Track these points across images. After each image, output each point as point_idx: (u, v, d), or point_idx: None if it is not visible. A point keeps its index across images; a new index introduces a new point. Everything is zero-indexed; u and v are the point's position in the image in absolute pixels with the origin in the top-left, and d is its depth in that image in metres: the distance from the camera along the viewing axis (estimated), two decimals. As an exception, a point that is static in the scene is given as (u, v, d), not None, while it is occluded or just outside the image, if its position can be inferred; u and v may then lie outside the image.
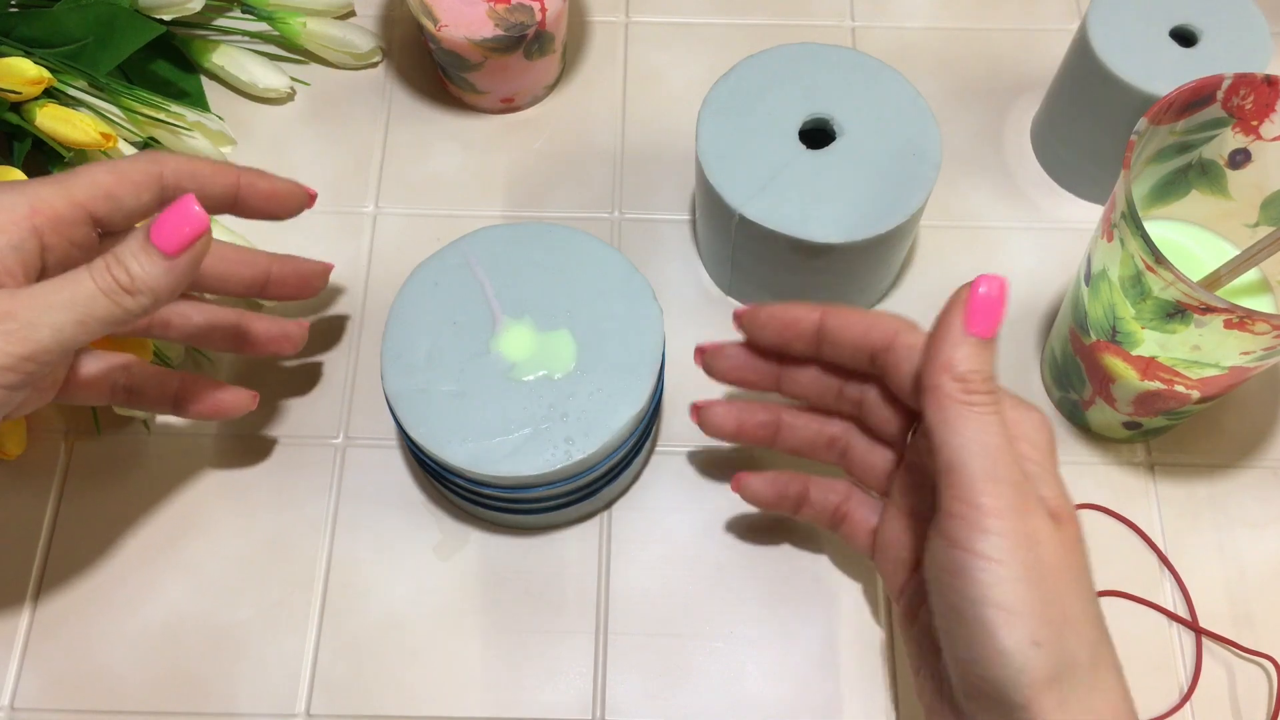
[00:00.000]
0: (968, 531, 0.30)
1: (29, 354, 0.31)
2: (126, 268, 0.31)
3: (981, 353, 0.31)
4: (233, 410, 0.41)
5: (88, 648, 0.41)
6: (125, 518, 0.43)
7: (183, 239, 0.31)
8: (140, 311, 0.32)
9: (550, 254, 0.41)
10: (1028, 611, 0.29)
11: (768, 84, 0.44)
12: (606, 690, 0.41)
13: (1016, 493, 0.30)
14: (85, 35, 0.47)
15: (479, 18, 0.46)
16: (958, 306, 0.31)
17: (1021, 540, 0.29)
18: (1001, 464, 0.30)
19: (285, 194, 0.39)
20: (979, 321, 0.31)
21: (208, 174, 0.37)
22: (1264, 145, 0.38)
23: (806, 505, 0.40)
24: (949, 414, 0.31)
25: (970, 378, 0.31)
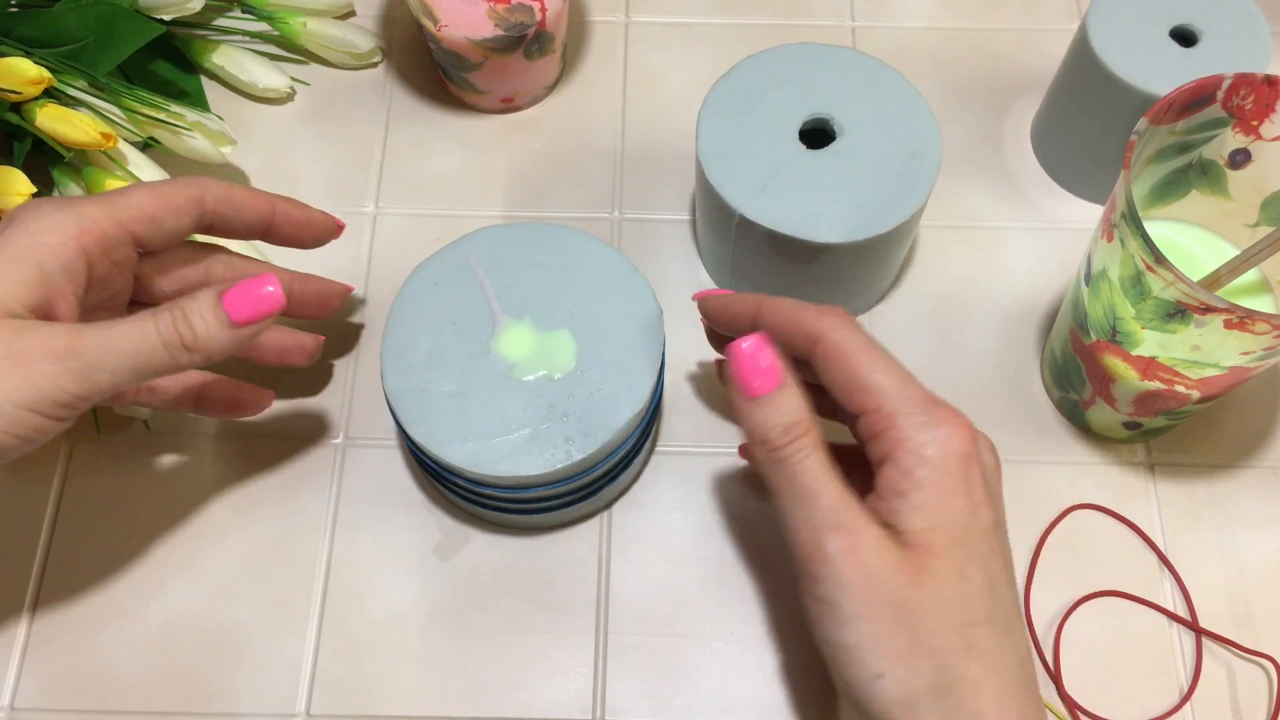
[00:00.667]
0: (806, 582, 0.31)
1: (86, 394, 0.32)
2: (192, 326, 0.32)
3: (767, 409, 0.31)
4: (251, 407, 0.42)
5: (88, 648, 0.41)
6: (125, 518, 0.43)
7: (253, 314, 0.33)
8: (190, 366, 0.33)
9: (550, 254, 0.41)
10: (863, 648, 0.30)
11: (768, 84, 0.44)
12: (606, 690, 0.41)
13: (838, 533, 0.30)
14: (85, 35, 0.47)
15: (479, 18, 0.46)
16: (730, 377, 0.32)
17: (853, 580, 0.30)
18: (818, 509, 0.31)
19: (317, 223, 0.41)
20: (747, 385, 0.31)
21: (245, 201, 0.38)
22: (1264, 145, 0.38)
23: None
24: (766, 475, 0.32)
25: (769, 437, 0.31)
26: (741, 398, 0.32)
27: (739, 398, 0.32)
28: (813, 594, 0.31)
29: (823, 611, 0.31)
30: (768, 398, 0.31)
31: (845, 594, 0.30)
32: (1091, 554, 0.43)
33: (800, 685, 0.41)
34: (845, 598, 0.30)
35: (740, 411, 0.32)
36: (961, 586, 0.31)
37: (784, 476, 0.31)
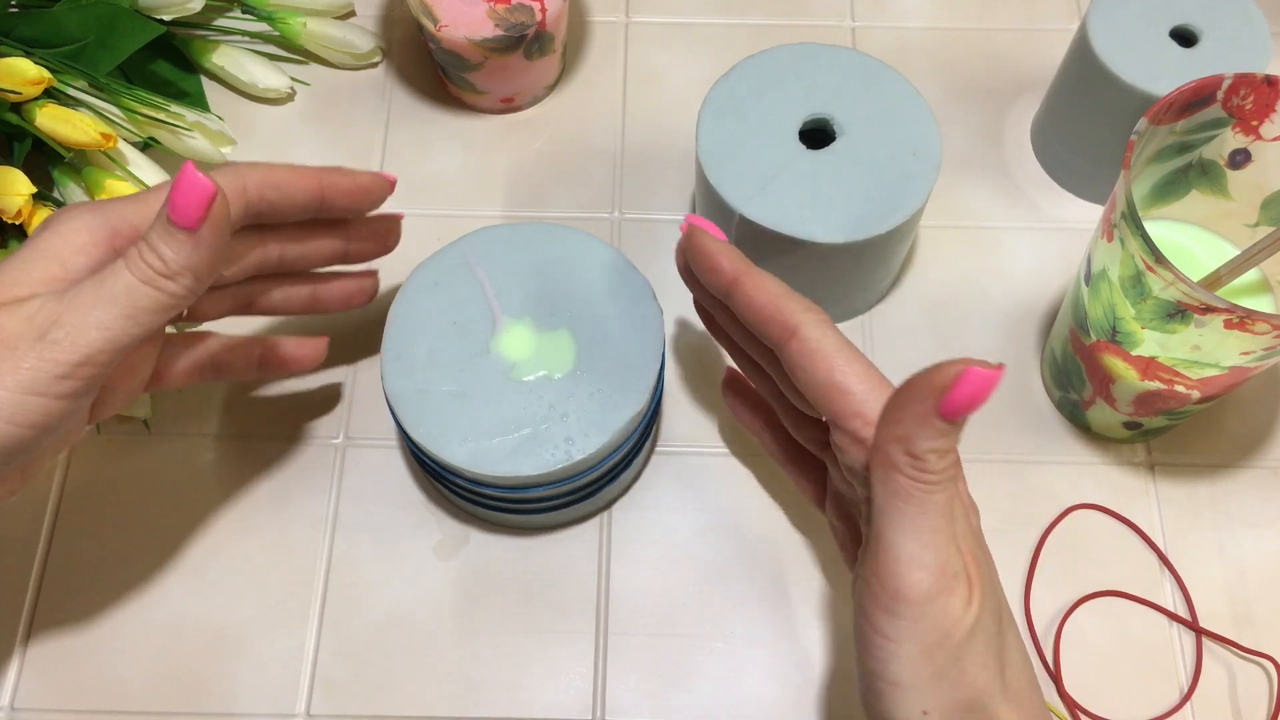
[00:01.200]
0: (875, 610, 0.29)
1: (82, 359, 0.30)
2: (157, 251, 0.31)
3: (946, 434, 0.27)
4: (311, 360, 0.42)
5: (88, 648, 0.41)
6: (125, 518, 0.43)
7: (198, 209, 0.31)
8: (186, 293, 0.31)
9: (550, 254, 0.41)
10: (918, 686, 0.28)
11: (768, 84, 0.44)
12: (606, 690, 0.41)
13: (938, 578, 0.28)
14: (85, 35, 0.47)
15: (479, 18, 0.46)
16: (937, 388, 0.27)
17: (930, 625, 0.28)
18: (931, 549, 0.28)
19: (368, 186, 0.39)
20: (955, 409, 0.27)
21: (289, 180, 0.37)
22: (1264, 145, 0.38)
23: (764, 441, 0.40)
24: (891, 484, 0.28)
25: (927, 457, 0.27)
26: (936, 410, 0.27)
27: (931, 410, 0.27)
28: (877, 625, 0.29)
29: (882, 645, 0.29)
30: (958, 425, 0.27)
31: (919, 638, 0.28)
32: (1091, 554, 0.43)
33: (800, 685, 0.41)
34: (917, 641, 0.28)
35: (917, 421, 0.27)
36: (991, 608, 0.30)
37: (914, 503, 0.28)
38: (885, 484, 0.28)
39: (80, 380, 0.31)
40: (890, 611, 0.28)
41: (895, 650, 0.28)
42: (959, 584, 0.28)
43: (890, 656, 0.28)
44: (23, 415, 0.30)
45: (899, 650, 0.28)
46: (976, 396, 0.26)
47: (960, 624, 0.28)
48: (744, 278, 0.33)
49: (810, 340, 0.31)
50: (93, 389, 0.31)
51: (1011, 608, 0.40)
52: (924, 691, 0.28)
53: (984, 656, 0.29)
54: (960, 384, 0.26)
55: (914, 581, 0.28)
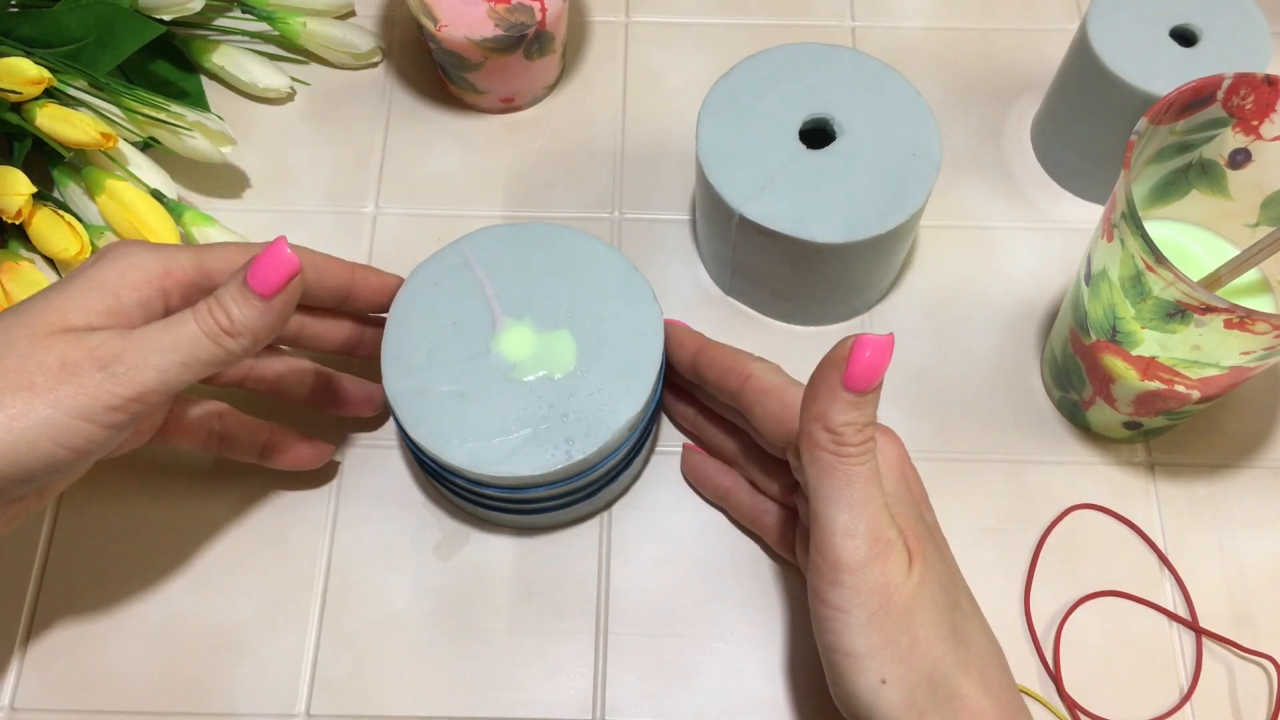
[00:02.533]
0: (821, 583, 0.31)
1: (135, 395, 0.32)
2: (227, 311, 0.33)
3: (857, 405, 0.30)
4: (314, 461, 0.43)
5: (88, 648, 0.41)
6: (125, 518, 0.43)
7: (278, 281, 0.33)
8: (241, 353, 0.33)
9: (550, 254, 0.41)
10: (871, 653, 0.31)
11: (768, 84, 0.44)
12: (606, 690, 0.41)
13: (872, 544, 0.31)
14: (85, 35, 0.47)
15: (479, 18, 0.46)
16: (837, 361, 0.30)
17: (872, 590, 0.31)
18: (862, 517, 0.31)
19: (392, 287, 0.41)
20: (856, 379, 0.30)
21: (327, 267, 0.39)
22: (1264, 145, 0.38)
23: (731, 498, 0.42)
24: (817, 464, 0.31)
25: (842, 430, 0.30)
26: (841, 383, 0.30)
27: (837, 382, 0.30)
28: (825, 598, 0.31)
29: (832, 617, 0.31)
30: (866, 396, 0.30)
31: (862, 602, 0.31)
32: (1091, 554, 0.43)
33: (800, 685, 0.41)
34: (861, 606, 0.31)
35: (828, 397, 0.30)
36: (936, 578, 0.32)
37: (840, 475, 0.31)
38: (813, 464, 0.31)
39: (127, 414, 0.32)
40: (834, 582, 0.31)
41: (845, 620, 0.31)
42: (894, 551, 0.31)
43: (842, 628, 0.31)
44: (69, 438, 0.31)
45: (848, 620, 0.31)
46: (873, 363, 0.30)
47: (901, 589, 0.31)
48: (702, 346, 0.39)
49: (762, 378, 0.37)
50: (132, 424, 0.33)
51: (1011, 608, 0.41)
52: (878, 659, 0.31)
53: (935, 626, 0.31)
54: (854, 355, 0.30)
55: (850, 549, 0.31)
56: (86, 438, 0.32)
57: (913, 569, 0.31)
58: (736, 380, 0.38)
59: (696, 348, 0.39)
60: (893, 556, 0.31)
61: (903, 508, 0.33)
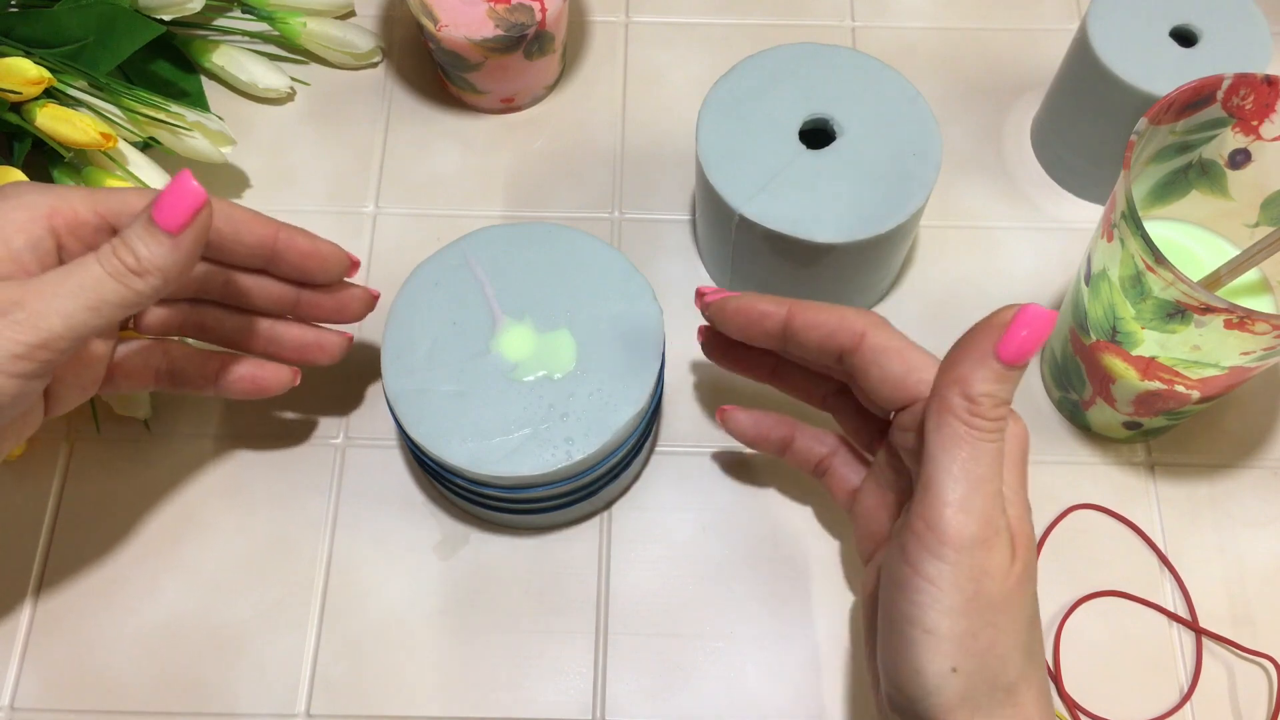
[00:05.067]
0: (921, 552, 0.29)
1: (41, 342, 0.31)
2: (133, 249, 0.31)
3: (1002, 378, 0.29)
4: (274, 385, 0.41)
5: (88, 648, 0.41)
6: (125, 517, 0.43)
7: (184, 215, 0.31)
8: (151, 293, 0.32)
9: (550, 254, 0.41)
10: (953, 639, 0.29)
11: (768, 84, 0.44)
12: (606, 690, 0.41)
13: (983, 526, 0.29)
14: (85, 35, 0.47)
15: (479, 18, 0.46)
16: (995, 326, 0.29)
17: (971, 574, 0.29)
18: (980, 495, 0.29)
19: (326, 254, 0.39)
20: (1012, 349, 0.28)
21: (245, 220, 0.37)
22: (1264, 145, 0.38)
23: (790, 451, 0.40)
24: (945, 430, 0.29)
25: (981, 400, 0.29)
26: (994, 353, 0.29)
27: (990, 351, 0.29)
28: (921, 568, 0.29)
29: (922, 589, 0.29)
30: (1013, 371, 0.29)
31: (960, 585, 0.29)
32: (1091, 554, 0.43)
33: (800, 685, 0.41)
34: (957, 588, 0.29)
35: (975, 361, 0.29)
36: (1031, 586, 0.31)
37: (967, 449, 0.29)
38: (939, 430, 0.29)
39: (35, 362, 0.31)
40: (935, 554, 0.29)
41: (936, 595, 0.29)
42: (1001, 540, 0.29)
43: (931, 602, 0.29)
44: None
45: (940, 596, 0.29)
46: (1033, 336, 0.28)
47: (999, 582, 0.29)
48: (795, 308, 0.35)
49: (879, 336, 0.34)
50: (45, 373, 0.32)
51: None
52: (957, 646, 0.29)
53: (1016, 634, 0.30)
54: (1016, 322, 0.28)
55: (960, 524, 0.29)
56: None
57: (1013, 566, 0.30)
58: (849, 339, 0.34)
59: (786, 312, 0.35)
60: (998, 545, 0.29)
61: (1018, 503, 0.31)
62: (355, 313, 0.41)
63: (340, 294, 0.41)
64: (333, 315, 0.41)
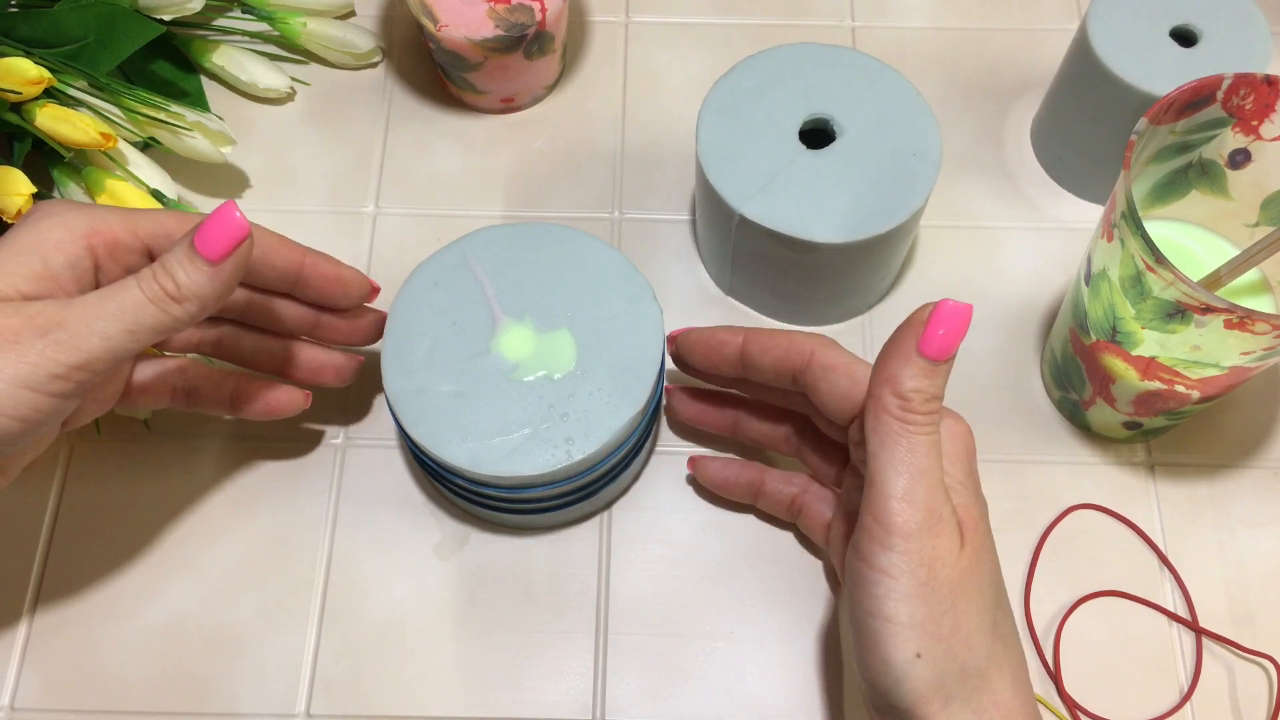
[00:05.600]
0: (872, 545, 0.31)
1: (80, 363, 0.31)
2: (173, 276, 0.32)
3: (929, 374, 0.30)
4: (287, 409, 0.41)
5: (88, 648, 0.41)
6: (125, 518, 0.43)
7: (226, 245, 0.32)
8: (188, 319, 0.32)
9: (550, 254, 0.41)
10: (913, 625, 0.30)
11: (768, 84, 0.44)
12: (606, 690, 0.41)
13: (928, 515, 0.30)
14: (85, 35, 0.47)
15: (479, 18, 0.46)
16: (915, 325, 0.30)
17: (920, 560, 0.30)
18: (921, 485, 0.30)
19: (349, 280, 0.40)
20: (933, 345, 0.30)
21: (273, 245, 0.38)
22: (1264, 145, 0.38)
23: (762, 494, 0.42)
24: (882, 428, 0.31)
25: (911, 397, 0.30)
26: (916, 349, 0.30)
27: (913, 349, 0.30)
28: (873, 561, 0.31)
29: (878, 580, 0.30)
30: (942, 365, 0.30)
31: (912, 571, 0.30)
32: (1091, 554, 0.43)
33: (800, 685, 0.41)
34: (910, 575, 0.30)
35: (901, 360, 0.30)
36: (988, 571, 0.32)
37: (904, 443, 0.30)
38: (876, 429, 0.31)
39: (73, 382, 0.31)
40: (885, 545, 0.30)
41: (891, 585, 0.30)
42: (946, 526, 0.31)
43: (886, 593, 0.30)
44: (14, 408, 0.31)
45: (894, 585, 0.30)
46: (950, 332, 0.30)
47: (948, 566, 0.31)
48: (749, 334, 0.38)
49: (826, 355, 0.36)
50: (80, 394, 0.32)
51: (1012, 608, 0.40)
52: (917, 631, 0.30)
53: (978, 617, 0.31)
54: (932, 320, 0.30)
55: (905, 514, 0.30)
56: (33, 407, 0.31)
57: (963, 551, 0.31)
58: (800, 359, 0.36)
59: (743, 339, 0.38)
60: (944, 531, 0.31)
61: (965, 492, 0.32)
62: (367, 336, 0.42)
63: (356, 318, 0.42)
64: (347, 338, 0.42)
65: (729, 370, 0.39)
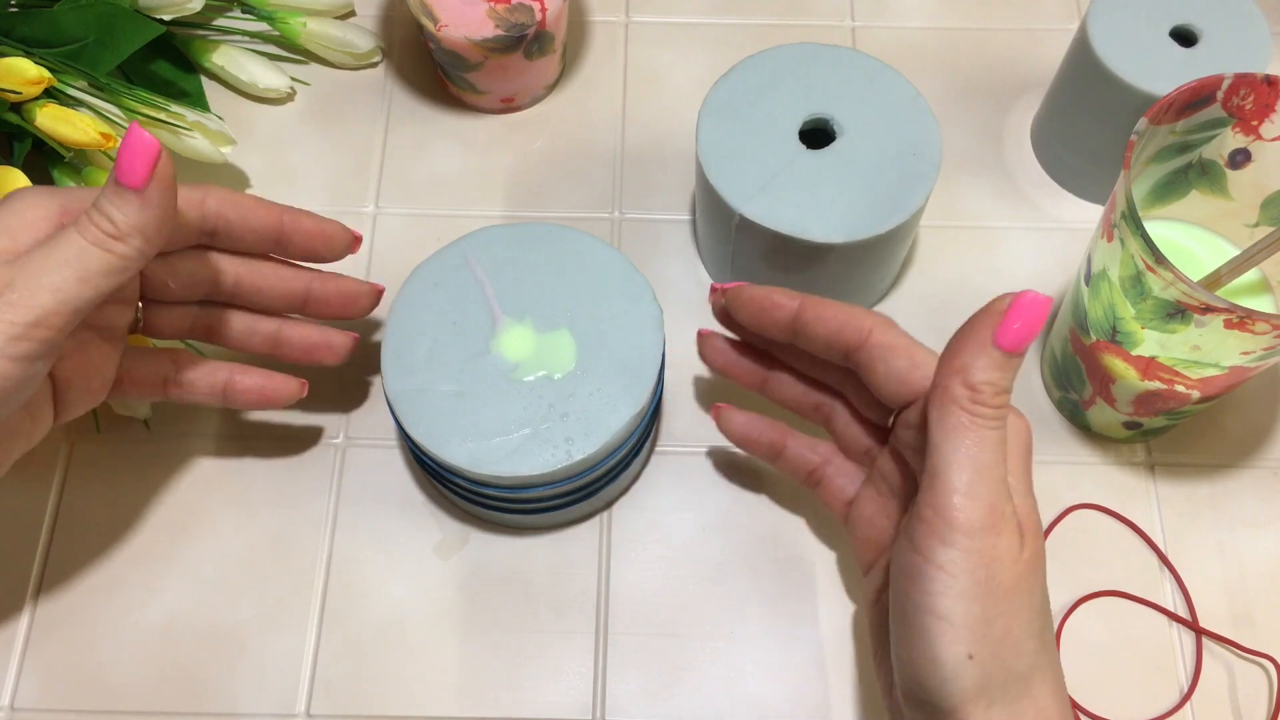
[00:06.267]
0: (931, 540, 0.30)
1: (35, 319, 0.31)
2: (106, 214, 0.32)
3: (1002, 366, 0.29)
4: (282, 398, 0.41)
5: (88, 648, 0.41)
6: (125, 517, 0.43)
7: (144, 168, 0.31)
8: (136, 255, 0.32)
9: (550, 254, 0.41)
10: (968, 626, 0.29)
11: (768, 84, 0.44)
12: (606, 690, 0.41)
13: (990, 512, 0.29)
14: (85, 35, 0.47)
15: (479, 18, 0.46)
16: (992, 315, 0.29)
17: (981, 559, 0.29)
18: (985, 482, 0.29)
19: (331, 234, 0.40)
20: (1010, 336, 0.29)
21: (251, 206, 0.38)
22: (1264, 145, 0.38)
23: (782, 457, 0.40)
24: (949, 419, 0.30)
25: (982, 389, 0.29)
26: (993, 341, 0.29)
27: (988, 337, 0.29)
28: (932, 556, 0.29)
29: (935, 576, 0.29)
30: (1015, 358, 0.29)
31: (971, 571, 0.29)
32: (1091, 554, 0.43)
33: (800, 685, 0.41)
34: (969, 574, 0.29)
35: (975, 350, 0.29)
36: (1041, 575, 0.31)
37: (972, 436, 0.29)
38: (942, 420, 0.30)
39: (34, 342, 0.31)
40: (945, 541, 0.29)
41: (949, 582, 0.29)
42: (1008, 526, 0.30)
43: (944, 589, 0.29)
44: None
45: (952, 583, 0.29)
46: (1028, 323, 0.29)
47: (1009, 568, 0.29)
48: (806, 302, 0.36)
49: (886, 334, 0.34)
50: (46, 354, 0.32)
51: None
52: (971, 632, 0.29)
53: (1030, 623, 0.30)
54: (1012, 310, 0.29)
55: (969, 511, 0.29)
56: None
57: (1023, 550, 0.30)
58: (856, 336, 0.35)
59: (799, 304, 0.36)
60: (1006, 530, 0.30)
61: (1023, 492, 0.31)
62: (362, 308, 0.42)
63: (347, 289, 0.41)
64: (340, 311, 0.41)
65: (779, 335, 0.37)
